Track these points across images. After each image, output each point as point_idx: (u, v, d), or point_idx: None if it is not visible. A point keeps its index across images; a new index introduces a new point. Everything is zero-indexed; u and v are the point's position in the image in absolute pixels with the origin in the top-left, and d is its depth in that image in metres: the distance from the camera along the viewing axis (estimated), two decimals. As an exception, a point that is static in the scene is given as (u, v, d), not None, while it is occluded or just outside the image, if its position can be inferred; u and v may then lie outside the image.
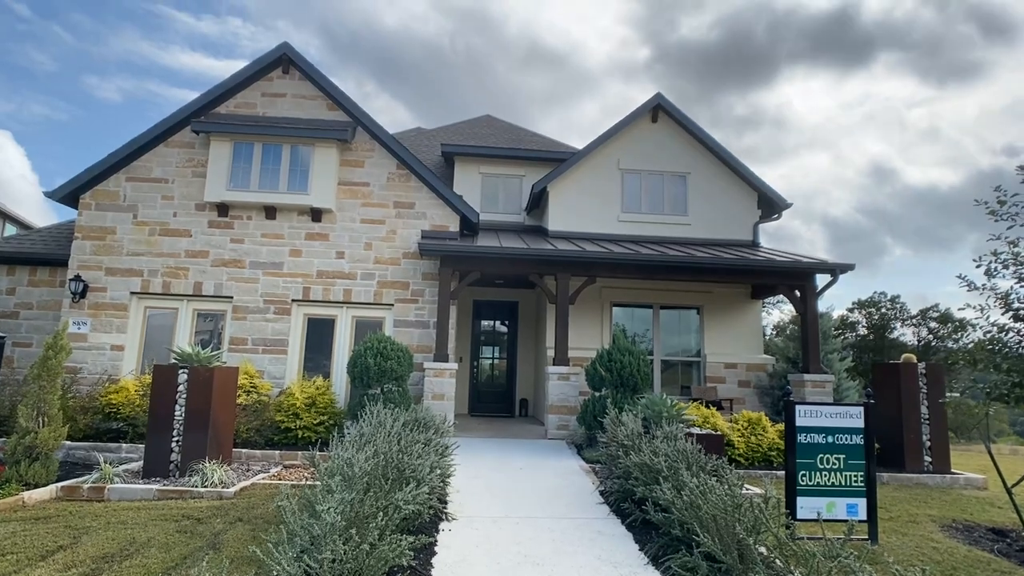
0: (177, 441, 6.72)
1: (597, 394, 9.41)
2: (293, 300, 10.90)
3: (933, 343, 34.68)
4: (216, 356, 7.27)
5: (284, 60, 11.40)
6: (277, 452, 8.13)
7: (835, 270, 10.98)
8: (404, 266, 11.13)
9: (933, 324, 34.78)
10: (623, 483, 5.74)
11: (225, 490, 6.13)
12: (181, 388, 6.80)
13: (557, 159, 14.04)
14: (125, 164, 10.98)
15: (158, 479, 6.54)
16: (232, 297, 10.82)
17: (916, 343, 35.04)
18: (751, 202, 13.57)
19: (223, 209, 10.98)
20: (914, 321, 35.42)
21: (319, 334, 11.05)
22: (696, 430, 7.78)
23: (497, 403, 14.49)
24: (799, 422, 5.52)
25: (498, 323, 15.18)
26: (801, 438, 5.50)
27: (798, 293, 11.49)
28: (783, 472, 8.68)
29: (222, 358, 10.50)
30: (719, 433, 7.90)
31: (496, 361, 15.02)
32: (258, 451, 8.13)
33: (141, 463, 6.97)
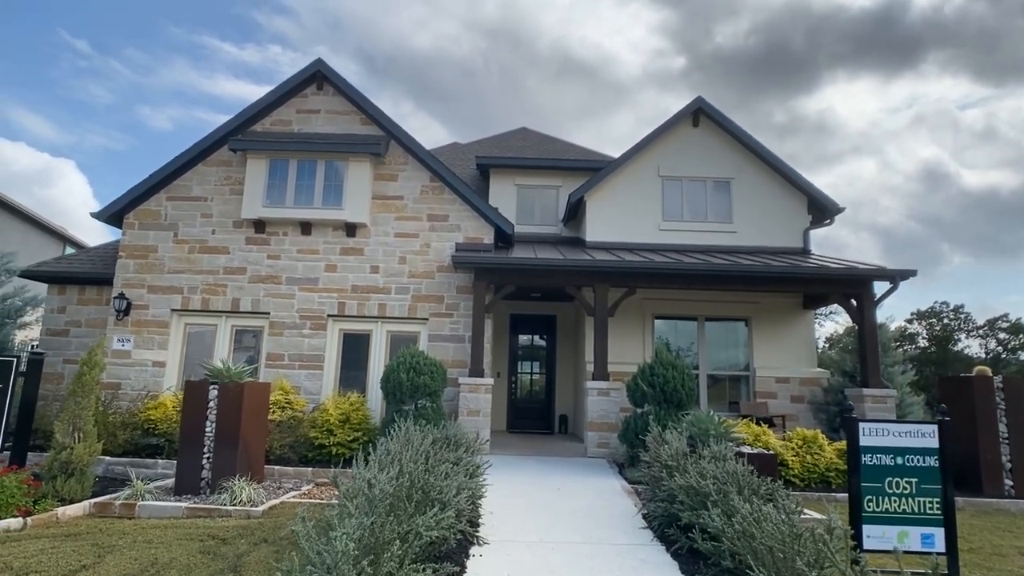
0: (208, 458, 6.63)
1: (639, 411, 8.97)
2: (328, 315, 10.85)
3: (1003, 355, 32.55)
4: (246, 372, 7.19)
5: (318, 76, 11.49)
6: (309, 469, 7.97)
7: (895, 277, 10.27)
8: (438, 280, 10.95)
9: (1002, 335, 32.68)
10: (667, 507, 5.32)
11: (253, 509, 5.97)
12: (211, 404, 6.72)
13: (594, 168, 13.72)
14: (166, 184, 11.21)
15: (189, 496, 6.44)
16: (269, 313, 10.85)
17: (984, 355, 32.94)
18: (800, 207, 12.93)
19: (260, 226, 11.06)
20: (980, 332, 33.37)
21: (354, 349, 10.95)
22: (746, 449, 7.27)
23: (536, 419, 14.12)
24: (863, 441, 5.00)
25: (536, 337, 14.85)
26: (866, 459, 4.98)
27: (854, 302, 10.80)
28: (843, 495, 8.04)
29: (258, 373, 10.57)
30: (771, 452, 7.36)
31: (534, 376, 14.67)
32: (291, 468, 7.99)
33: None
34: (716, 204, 12.94)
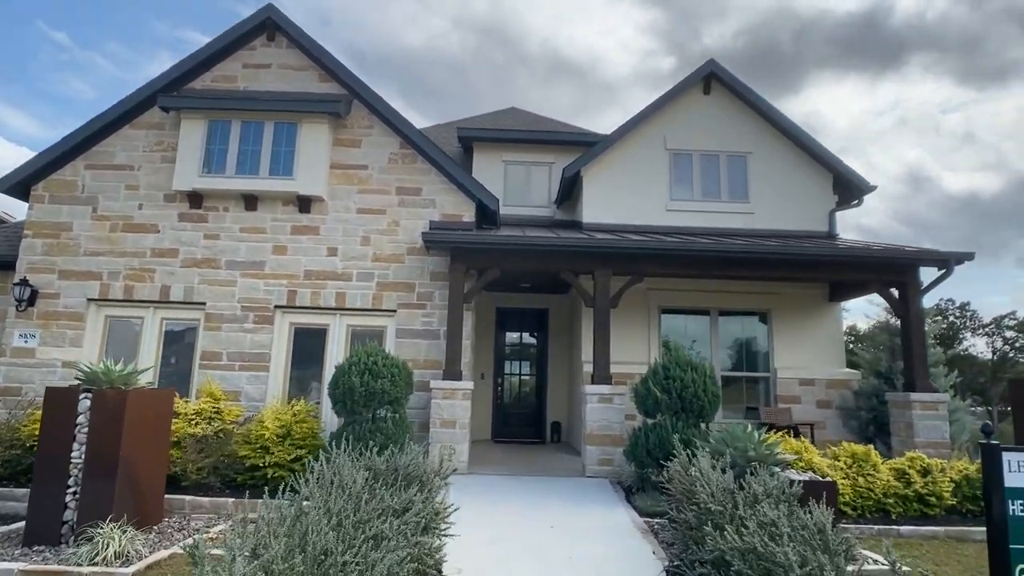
0: (74, 493, 4.87)
1: (650, 421, 7.30)
2: (276, 306, 9.09)
3: (1010, 354, 31.31)
4: (136, 374, 5.42)
5: (268, 25, 9.72)
6: (231, 500, 6.22)
7: (948, 260, 8.68)
8: (409, 264, 9.23)
9: (1009, 333, 31.41)
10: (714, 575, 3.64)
11: (122, 570, 4.22)
12: (82, 419, 4.96)
13: (591, 142, 12.05)
14: (84, 149, 9.39)
15: (40, 549, 4.67)
16: (205, 303, 9.07)
17: (991, 355, 31.69)
18: (825, 185, 11.33)
19: (195, 199, 9.28)
20: (987, 331, 32.11)
21: (308, 347, 9.21)
22: (794, 475, 5.61)
23: (525, 427, 12.43)
24: (1010, 481, 3.35)
25: (526, 334, 13.17)
26: (1015, 507, 3.33)
27: (895, 291, 9.22)
28: (907, 528, 6.42)
29: (192, 375, 8.79)
30: (829, 480, 5.70)
31: (524, 378, 12.98)
32: (207, 499, 6.24)
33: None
34: (731, 181, 11.30)
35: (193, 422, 7.29)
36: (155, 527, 5.35)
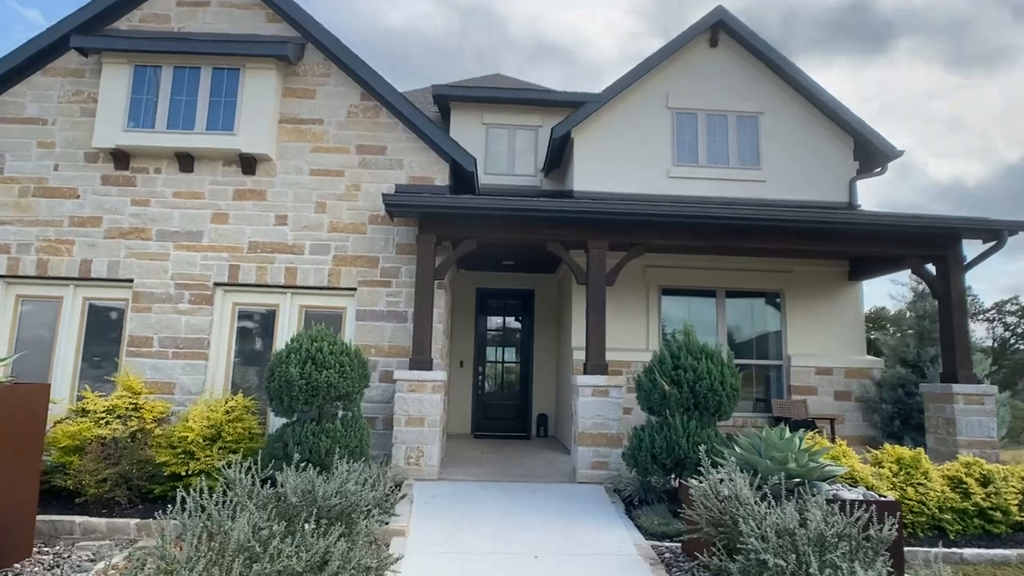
0: None
1: (655, 419, 6.11)
2: (216, 284, 7.78)
3: (1011, 341, 30.54)
4: (-15, 366, 4.13)
5: (207, -46, 8.30)
6: (134, 522, 4.96)
7: (1001, 231, 7.50)
8: (371, 235, 7.93)
9: (1010, 319, 30.60)
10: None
11: (-79, 646, 2.97)
12: None
13: (583, 102, 10.74)
14: (-13, 98, 7.98)
15: None
16: (132, 280, 7.74)
17: (991, 341, 30.89)
18: (845, 151, 10.14)
19: (122, 159, 7.91)
20: (987, 316, 31.28)
21: (255, 331, 7.92)
22: (846, 493, 4.44)
23: (508, 420, 11.25)
24: None
25: (510, 318, 11.94)
26: None
27: (932, 268, 8.07)
28: (970, 551, 5.33)
29: (118, 364, 7.49)
30: (891, 499, 4.52)
31: (508, 366, 11.78)
32: (104, 520, 4.96)
33: None
34: (740, 145, 10.06)
35: (103, 421, 6.00)
36: (17, 564, 4.09)
